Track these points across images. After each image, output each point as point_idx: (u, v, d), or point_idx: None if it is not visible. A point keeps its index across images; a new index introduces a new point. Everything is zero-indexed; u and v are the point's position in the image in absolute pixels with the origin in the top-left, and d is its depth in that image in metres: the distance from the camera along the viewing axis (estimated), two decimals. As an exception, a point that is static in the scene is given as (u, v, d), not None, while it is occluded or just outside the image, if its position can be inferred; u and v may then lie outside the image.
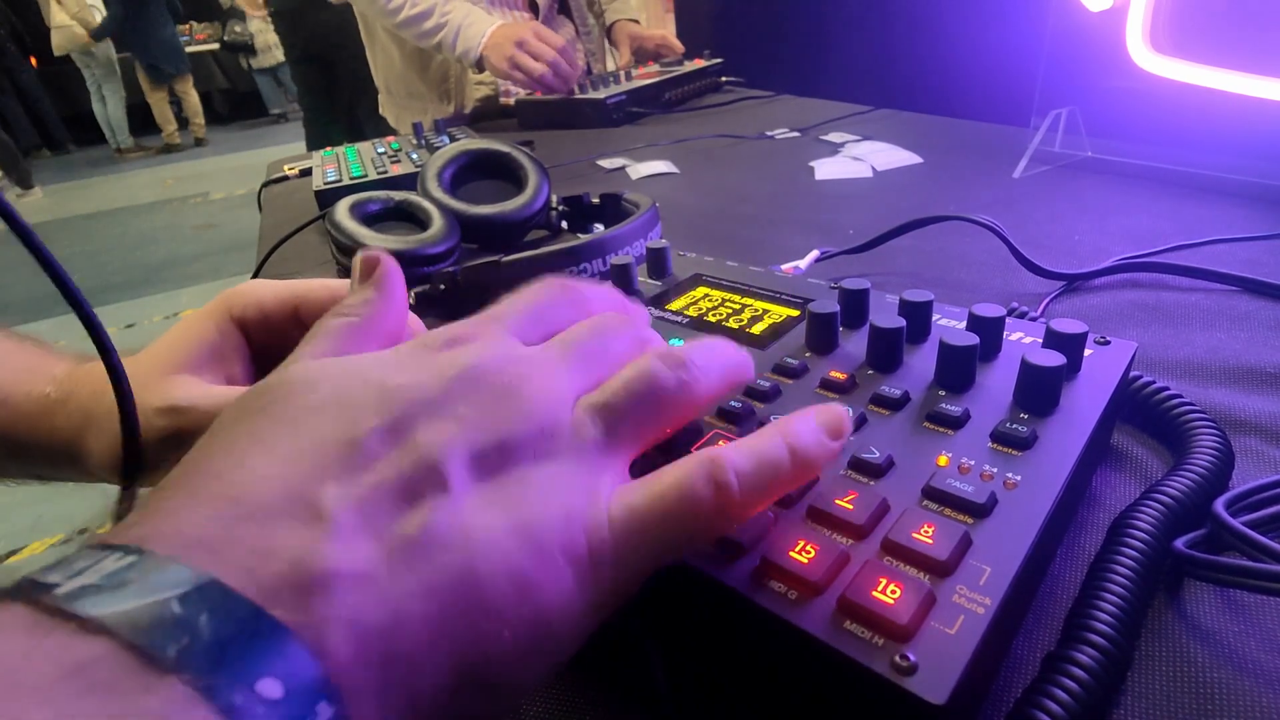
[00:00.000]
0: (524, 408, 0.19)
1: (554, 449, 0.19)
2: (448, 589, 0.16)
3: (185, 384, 0.30)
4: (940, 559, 0.19)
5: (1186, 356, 0.38)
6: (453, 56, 1.15)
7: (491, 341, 0.21)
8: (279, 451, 0.17)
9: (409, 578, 0.16)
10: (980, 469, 0.22)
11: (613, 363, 0.22)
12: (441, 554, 0.16)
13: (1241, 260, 0.47)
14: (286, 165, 0.97)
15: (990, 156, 0.74)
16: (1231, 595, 0.24)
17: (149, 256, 3.47)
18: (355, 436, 0.17)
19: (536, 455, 0.19)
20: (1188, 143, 0.62)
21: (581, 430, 0.20)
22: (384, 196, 0.57)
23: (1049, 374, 0.24)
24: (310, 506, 0.16)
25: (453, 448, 0.18)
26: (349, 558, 0.15)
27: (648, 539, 0.19)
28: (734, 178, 0.79)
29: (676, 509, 0.19)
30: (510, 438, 0.18)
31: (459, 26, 1.12)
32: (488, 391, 0.19)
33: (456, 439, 0.18)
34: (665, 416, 0.21)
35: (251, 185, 1.10)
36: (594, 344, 0.22)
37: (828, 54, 1.56)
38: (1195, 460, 0.27)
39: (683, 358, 0.21)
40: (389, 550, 0.16)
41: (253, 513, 0.15)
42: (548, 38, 1.11)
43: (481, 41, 1.11)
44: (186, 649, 0.12)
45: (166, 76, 5.58)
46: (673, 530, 0.19)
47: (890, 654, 0.17)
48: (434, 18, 1.12)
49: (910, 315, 0.29)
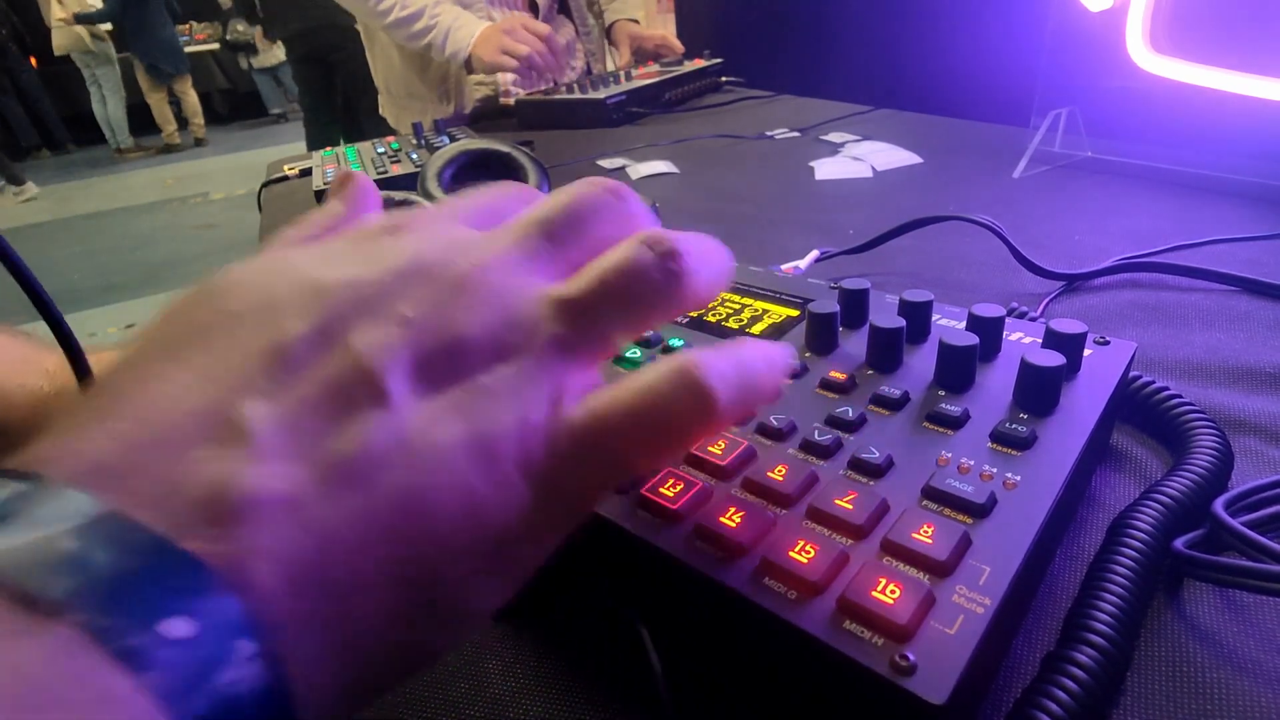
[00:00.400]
0: (475, 303, 0.17)
1: (510, 350, 0.17)
2: (388, 511, 0.14)
3: None
4: (940, 559, 0.19)
5: (1186, 356, 0.38)
6: (441, 58, 1.16)
7: (439, 227, 0.19)
8: (195, 363, 0.15)
9: (344, 500, 0.14)
10: (980, 469, 0.22)
11: (588, 242, 0.19)
12: (379, 472, 0.15)
13: (1241, 260, 0.47)
14: (286, 165, 0.97)
15: (990, 156, 0.74)
16: (1231, 595, 0.24)
17: (149, 256, 3.47)
18: (279, 342, 0.15)
19: (488, 358, 0.17)
20: (1188, 143, 0.62)
21: (542, 327, 0.17)
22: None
23: (1049, 374, 0.24)
24: (228, 424, 0.14)
25: (392, 352, 0.16)
26: (274, 481, 0.14)
27: (611, 447, 0.17)
28: (734, 178, 0.79)
29: (649, 417, 0.17)
30: (459, 339, 0.16)
31: (448, 29, 1.13)
32: (433, 285, 0.17)
33: (396, 342, 0.16)
34: (645, 315, 0.19)
35: (251, 185, 1.10)
36: (564, 223, 0.19)
37: (828, 54, 1.56)
38: (1194, 460, 0.27)
39: (672, 244, 0.18)
40: (320, 470, 0.14)
41: (164, 433, 0.14)
42: (534, 27, 1.12)
43: (470, 42, 1.12)
44: (77, 589, 0.11)
45: (166, 76, 5.58)
46: (640, 439, 0.17)
47: (890, 654, 0.17)
48: (423, 20, 1.13)
49: (910, 315, 0.29)
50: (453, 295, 0.17)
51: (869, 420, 0.25)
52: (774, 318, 0.33)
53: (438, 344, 0.16)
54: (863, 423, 0.25)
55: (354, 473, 0.14)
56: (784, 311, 0.33)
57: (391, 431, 0.15)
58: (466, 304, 0.17)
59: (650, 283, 0.18)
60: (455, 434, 0.15)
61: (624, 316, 0.18)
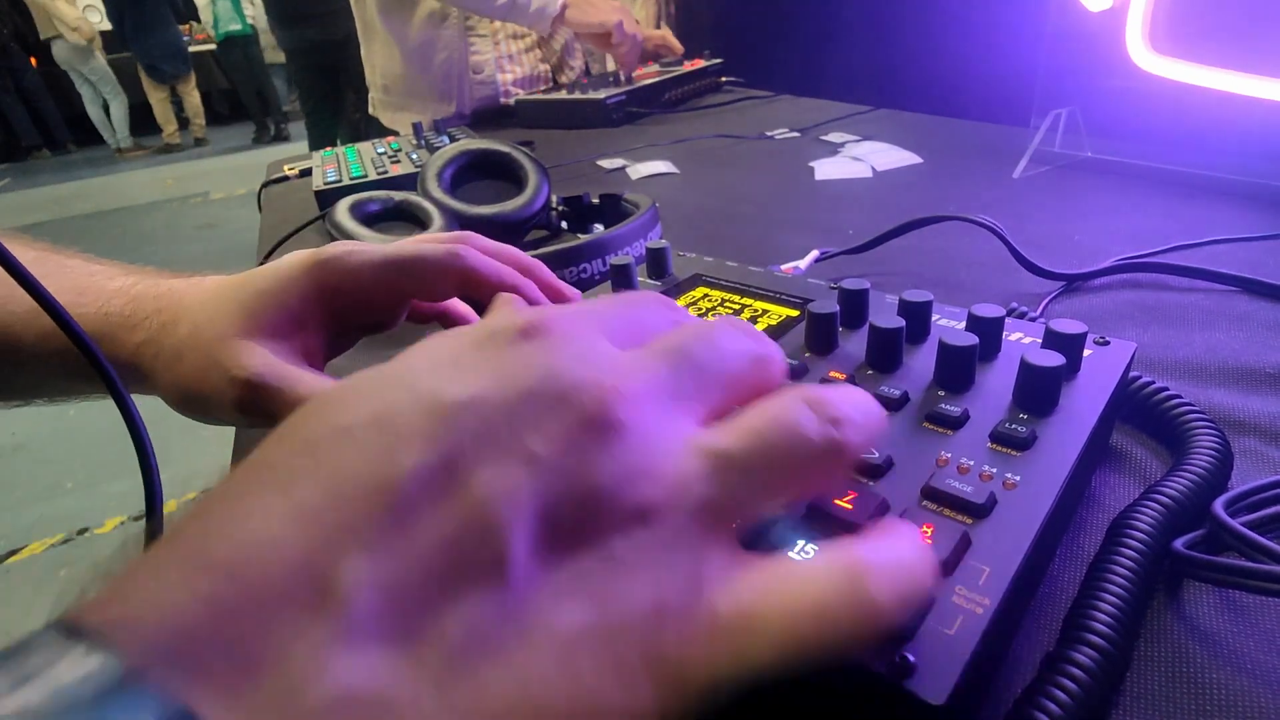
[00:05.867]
0: (618, 445, 0.14)
1: (652, 510, 0.14)
2: (490, 713, 0.12)
3: (259, 354, 0.29)
4: (939, 559, 0.19)
5: (1186, 356, 0.38)
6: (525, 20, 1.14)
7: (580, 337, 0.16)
8: (295, 498, 0.13)
9: (441, 695, 0.12)
10: (979, 469, 0.22)
11: (729, 383, 0.17)
12: (488, 665, 0.13)
13: (1241, 260, 0.47)
14: (286, 165, 0.97)
15: (990, 156, 0.74)
16: (1230, 596, 0.24)
17: (149, 256, 3.45)
18: (392, 479, 0.13)
19: (628, 519, 0.14)
20: (1188, 143, 0.62)
21: (691, 485, 0.15)
22: (384, 196, 0.57)
23: (1048, 374, 0.24)
24: (323, 585, 0.12)
25: (517, 504, 0.13)
26: (364, 674, 0.12)
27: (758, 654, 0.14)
28: (734, 178, 0.79)
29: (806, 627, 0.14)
30: (596, 490, 0.14)
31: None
32: (569, 416, 0.14)
33: (525, 489, 0.13)
34: (798, 484, 0.16)
35: (251, 185, 1.10)
36: (710, 354, 0.17)
37: (828, 54, 1.56)
38: (1194, 460, 0.27)
39: (838, 410, 0.16)
40: (418, 658, 0.12)
41: (251, 594, 0.12)
42: None
43: None
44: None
45: (167, 77, 5.58)
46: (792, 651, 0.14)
47: (890, 654, 0.17)
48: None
49: (910, 315, 0.29)
50: (591, 431, 0.14)
51: (869, 420, 0.25)
52: (774, 318, 0.33)
53: (570, 493, 0.14)
54: (862, 423, 0.25)
55: (459, 664, 0.12)
56: (784, 311, 0.33)
57: (508, 615, 0.13)
58: (606, 444, 0.14)
59: (810, 449, 0.15)
60: (581, 621, 0.13)
61: (778, 484, 0.16)
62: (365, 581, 0.12)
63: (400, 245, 0.31)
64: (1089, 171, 0.68)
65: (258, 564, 0.12)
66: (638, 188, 0.77)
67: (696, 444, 0.15)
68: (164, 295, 0.32)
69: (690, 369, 0.16)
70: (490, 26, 1.24)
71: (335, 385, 0.16)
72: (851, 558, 0.15)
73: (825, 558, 0.15)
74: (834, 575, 0.14)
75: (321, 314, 0.31)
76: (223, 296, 0.31)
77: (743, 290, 0.36)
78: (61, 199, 4.79)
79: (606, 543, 0.14)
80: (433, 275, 0.30)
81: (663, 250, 0.38)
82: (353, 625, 0.12)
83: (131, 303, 0.32)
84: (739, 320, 0.19)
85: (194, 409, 0.31)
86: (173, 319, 0.31)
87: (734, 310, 0.34)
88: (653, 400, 0.15)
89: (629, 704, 0.13)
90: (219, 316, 0.30)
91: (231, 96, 6.78)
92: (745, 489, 0.15)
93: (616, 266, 0.36)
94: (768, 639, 0.14)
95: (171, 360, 0.30)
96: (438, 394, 0.14)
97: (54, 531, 1.65)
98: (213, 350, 0.29)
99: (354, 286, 0.30)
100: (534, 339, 0.16)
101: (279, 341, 0.30)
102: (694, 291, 0.36)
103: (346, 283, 0.30)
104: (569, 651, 0.13)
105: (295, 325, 0.30)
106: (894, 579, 0.14)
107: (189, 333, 0.30)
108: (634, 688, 0.13)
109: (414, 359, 0.16)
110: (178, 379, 0.30)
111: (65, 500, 1.74)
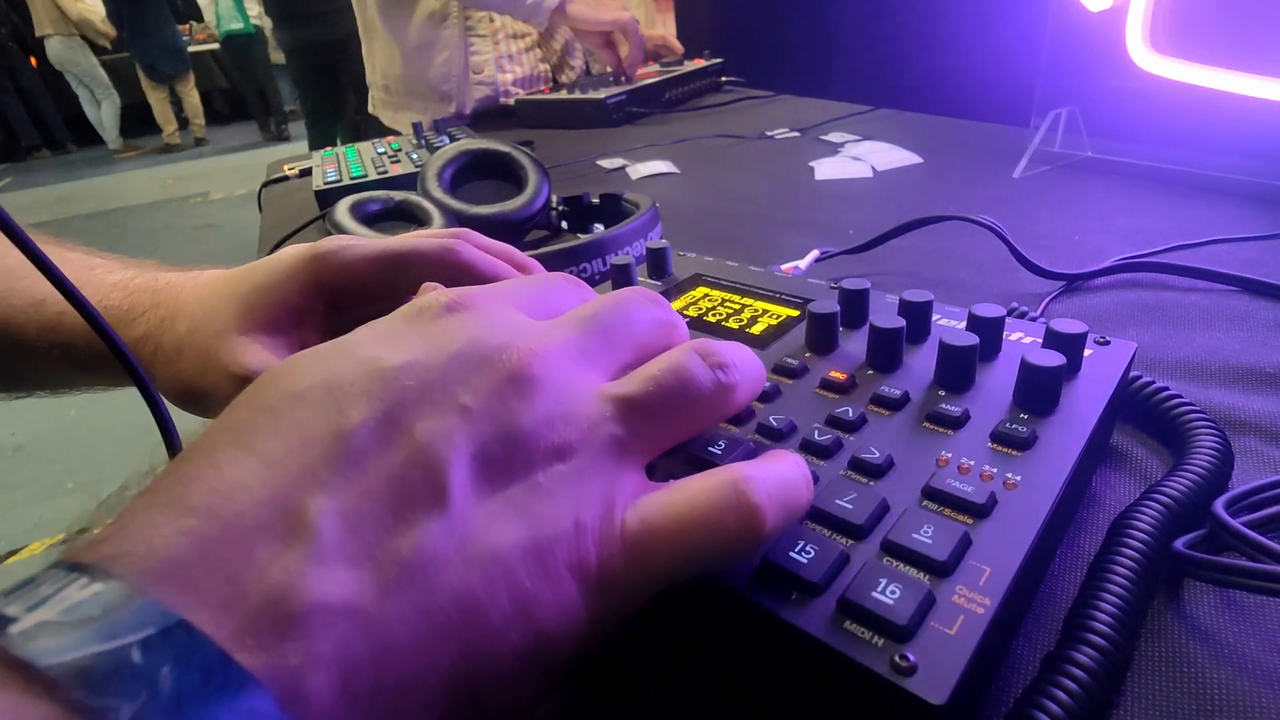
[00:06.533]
0: (537, 396, 0.17)
1: (566, 447, 0.17)
2: (443, 612, 0.15)
3: (257, 351, 0.29)
4: (940, 559, 0.19)
5: (1186, 356, 0.38)
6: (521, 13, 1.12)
7: (498, 311, 0.19)
8: (259, 450, 0.15)
9: (400, 602, 0.14)
10: (980, 469, 0.22)
11: (637, 345, 0.20)
12: (437, 574, 0.15)
13: (1241, 260, 0.47)
14: (286, 165, 0.97)
15: (990, 156, 0.74)
16: (1231, 596, 0.24)
17: (149, 256, 3.43)
18: (343, 430, 0.15)
19: (548, 455, 0.17)
20: (1188, 143, 0.62)
21: (600, 426, 0.18)
22: (384, 196, 0.57)
23: (1049, 374, 0.24)
24: (293, 519, 0.14)
25: (453, 444, 0.16)
26: (336, 587, 0.14)
27: (662, 558, 0.17)
28: (734, 178, 0.79)
29: (699, 532, 0.17)
30: (520, 433, 0.17)
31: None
32: (493, 373, 0.17)
33: (457, 433, 0.16)
34: (694, 420, 0.19)
35: (251, 185, 1.10)
36: (617, 321, 0.20)
37: (828, 54, 1.56)
38: (1195, 460, 0.27)
39: (723, 357, 0.19)
40: (381, 573, 0.14)
41: (230, 527, 0.14)
42: None
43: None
44: (143, 708, 0.11)
45: (166, 77, 5.58)
46: (690, 553, 0.17)
47: (890, 654, 0.17)
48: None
49: (910, 315, 0.29)
50: (512, 385, 0.17)
51: (869, 420, 0.25)
52: (774, 318, 0.33)
53: (497, 435, 0.16)
54: (863, 423, 0.25)
55: (413, 576, 0.15)
56: (784, 311, 0.33)
57: (451, 533, 0.15)
58: (527, 395, 0.17)
59: (701, 390, 0.19)
60: (513, 537, 0.16)
61: (675, 421, 0.19)
62: (329, 510, 0.14)
63: (396, 240, 0.31)
64: (1089, 171, 0.68)
65: (233, 504, 0.14)
66: (638, 188, 0.77)
67: (603, 392, 0.18)
68: (162, 290, 0.32)
69: (598, 332, 0.19)
70: (490, 26, 1.24)
71: (284, 360, 0.18)
72: (735, 472, 0.17)
73: (713, 474, 0.18)
74: (721, 487, 0.17)
75: (318, 308, 0.31)
76: (221, 292, 0.31)
77: (743, 290, 0.36)
78: (61, 199, 4.79)
79: (531, 475, 0.17)
80: (428, 269, 0.30)
81: (663, 250, 0.38)
82: (322, 548, 0.14)
83: (130, 297, 0.32)
84: (647, 290, 0.22)
85: (193, 404, 0.31)
86: (171, 315, 0.31)
87: (734, 310, 0.34)
88: (565, 358, 0.18)
89: (558, 600, 0.16)
90: (217, 313, 0.30)
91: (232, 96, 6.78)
92: (647, 426, 0.18)
93: (616, 266, 0.36)
94: (667, 545, 0.17)
95: (171, 356, 0.31)
96: (378, 360, 0.17)
97: (54, 531, 1.65)
98: (211, 347, 0.29)
99: (350, 280, 0.31)
100: (458, 312, 0.19)
101: (276, 336, 0.30)
102: (694, 291, 0.36)
103: (343, 277, 0.31)
104: (507, 561, 0.15)
105: (292, 320, 0.31)
106: (772, 487, 0.17)
107: (187, 329, 0.30)
108: (561, 588, 0.16)
109: (354, 335, 0.18)
110: (177, 375, 0.30)
111: (65, 500, 1.74)
